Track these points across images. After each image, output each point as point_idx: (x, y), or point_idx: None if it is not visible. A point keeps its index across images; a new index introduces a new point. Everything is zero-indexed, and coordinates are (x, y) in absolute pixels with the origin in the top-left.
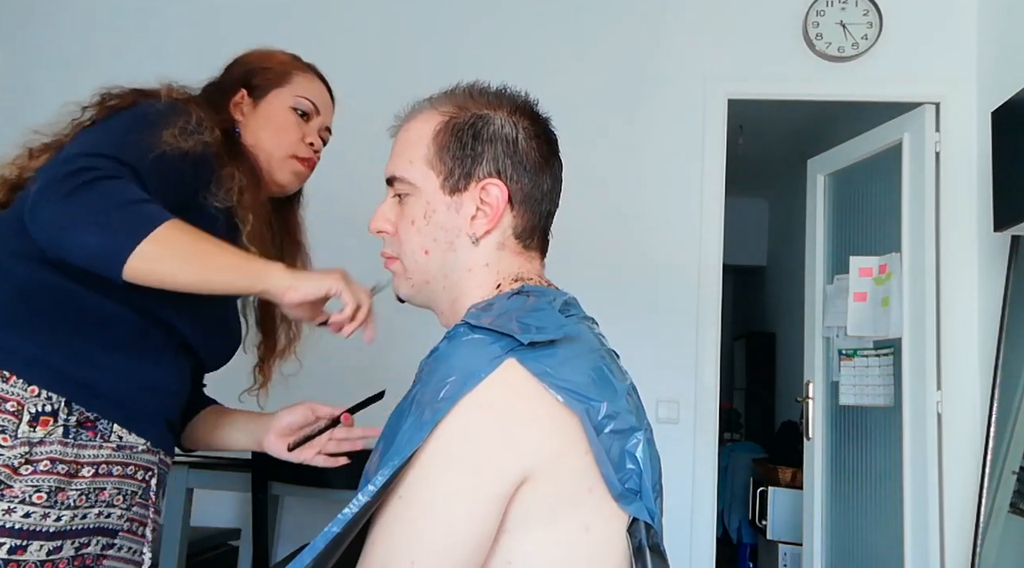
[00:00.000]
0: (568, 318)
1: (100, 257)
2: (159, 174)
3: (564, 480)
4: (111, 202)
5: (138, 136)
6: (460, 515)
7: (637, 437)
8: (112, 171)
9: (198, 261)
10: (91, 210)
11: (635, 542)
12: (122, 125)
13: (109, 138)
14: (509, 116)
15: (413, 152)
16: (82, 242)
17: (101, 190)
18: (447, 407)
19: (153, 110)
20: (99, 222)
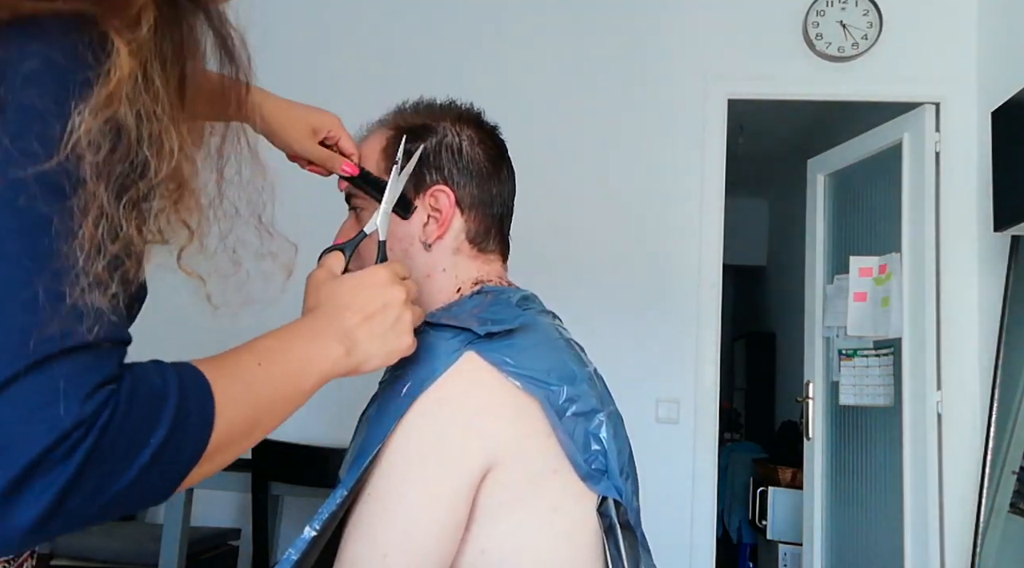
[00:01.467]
0: (525, 311)
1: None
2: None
3: (529, 464)
4: (129, 459)
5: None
6: (429, 507)
7: (600, 418)
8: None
9: (262, 413)
10: (102, 494)
11: (606, 521)
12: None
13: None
14: (452, 125)
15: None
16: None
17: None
18: (409, 402)
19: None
20: (125, 493)
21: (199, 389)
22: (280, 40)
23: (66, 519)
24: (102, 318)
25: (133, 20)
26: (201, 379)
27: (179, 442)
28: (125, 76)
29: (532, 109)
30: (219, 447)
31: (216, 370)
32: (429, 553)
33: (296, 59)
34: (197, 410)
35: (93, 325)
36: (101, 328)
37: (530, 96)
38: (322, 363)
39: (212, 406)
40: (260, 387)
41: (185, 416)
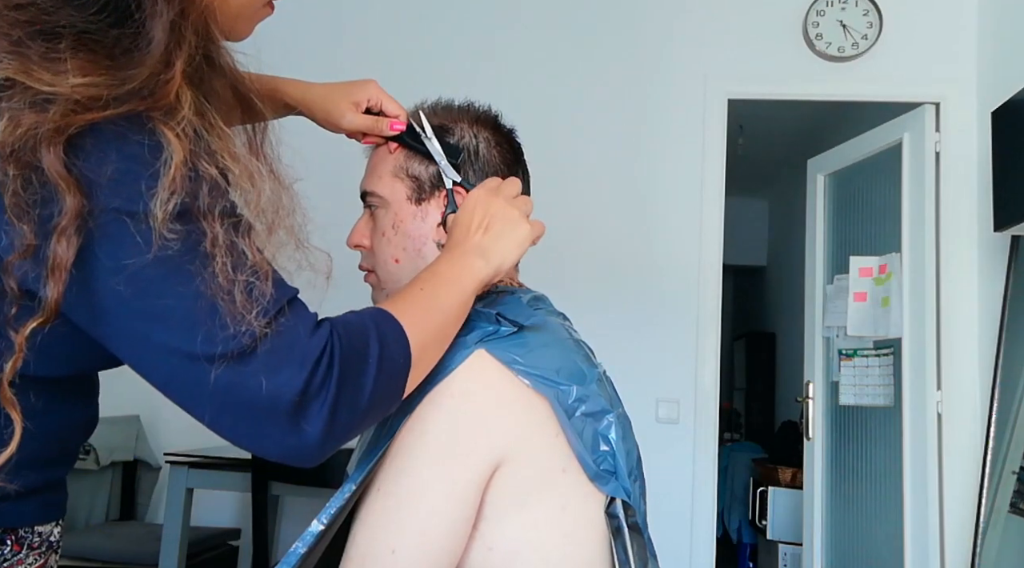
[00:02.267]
0: (536, 311)
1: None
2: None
3: (538, 462)
4: (361, 374)
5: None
6: (438, 503)
7: (609, 419)
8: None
9: (443, 322)
10: (358, 402)
11: (614, 522)
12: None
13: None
14: (470, 127)
15: (382, 168)
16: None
17: (343, 373)
18: (419, 398)
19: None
20: (372, 398)
21: (385, 316)
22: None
23: (341, 429)
24: (280, 287)
25: (173, 104)
26: (382, 311)
27: (391, 355)
28: (181, 160)
29: (531, 109)
30: (421, 353)
31: (391, 304)
32: (437, 549)
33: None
34: (391, 331)
35: (283, 291)
36: (287, 289)
37: (529, 96)
38: (469, 274)
39: (400, 325)
40: (429, 303)
41: (384, 336)
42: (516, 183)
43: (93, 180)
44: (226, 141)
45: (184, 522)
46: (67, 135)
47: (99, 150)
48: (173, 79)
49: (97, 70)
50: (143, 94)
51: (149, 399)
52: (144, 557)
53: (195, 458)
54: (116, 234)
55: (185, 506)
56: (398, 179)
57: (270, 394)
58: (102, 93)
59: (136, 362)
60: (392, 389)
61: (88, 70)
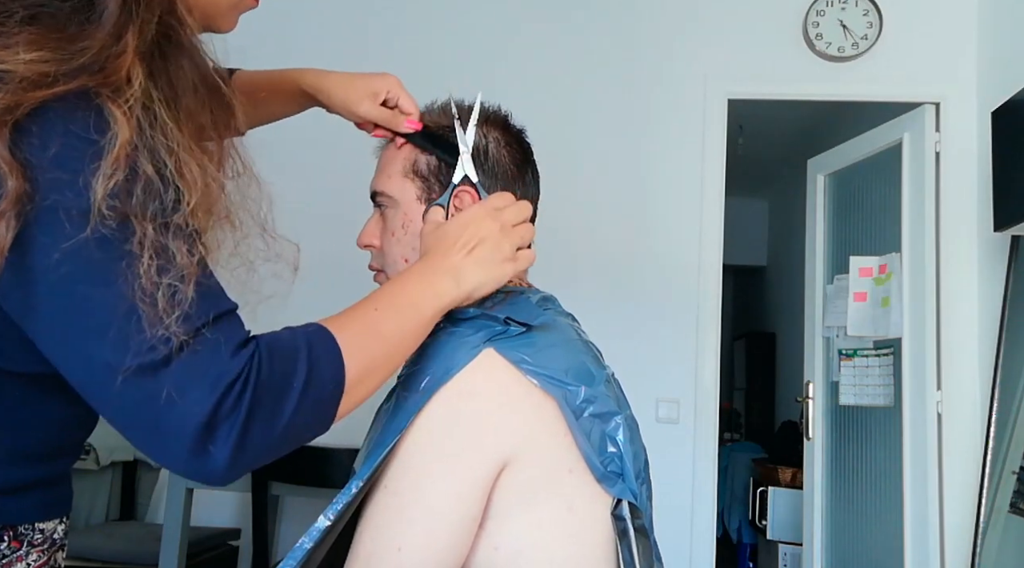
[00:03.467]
0: (545, 311)
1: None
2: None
3: (545, 462)
4: (283, 405)
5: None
6: (444, 501)
7: (617, 421)
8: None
9: (392, 347)
10: (273, 428)
11: (620, 524)
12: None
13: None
14: (480, 128)
15: (392, 167)
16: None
17: (259, 398)
18: (428, 396)
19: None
20: (291, 425)
21: (322, 337)
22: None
23: (251, 455)
24: (210, 298)
25: (123, 82)
26: (322, 330)
27: (319, 382)
28: (127, 138)
29: (530, 109)
30: (358, 380)
31: (335, 322)
32: (443, 548)
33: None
34: (326, 354)
35: (212, 303)
36: (218, 303)
37: (528, 97)
38: (435, 296)
39: (338, 348)
40: (381, 325)
41: (316, 359)
42: (525, 208)
43: (35, 164)
44: (169, 136)
45: (184, 522)
46: (15, 117)
47: (44, 131)
48: (124, 54)
49: (46, 44)
50: (92, 69)
51: None
52: (144, 557)
53: None
54: (53, 220)
55: (185, 506)
56: (408, 179)
57: (178, 414)
58: (51, 69)
59: (54, 358)
60: (317, 416)
61: (38, 44)
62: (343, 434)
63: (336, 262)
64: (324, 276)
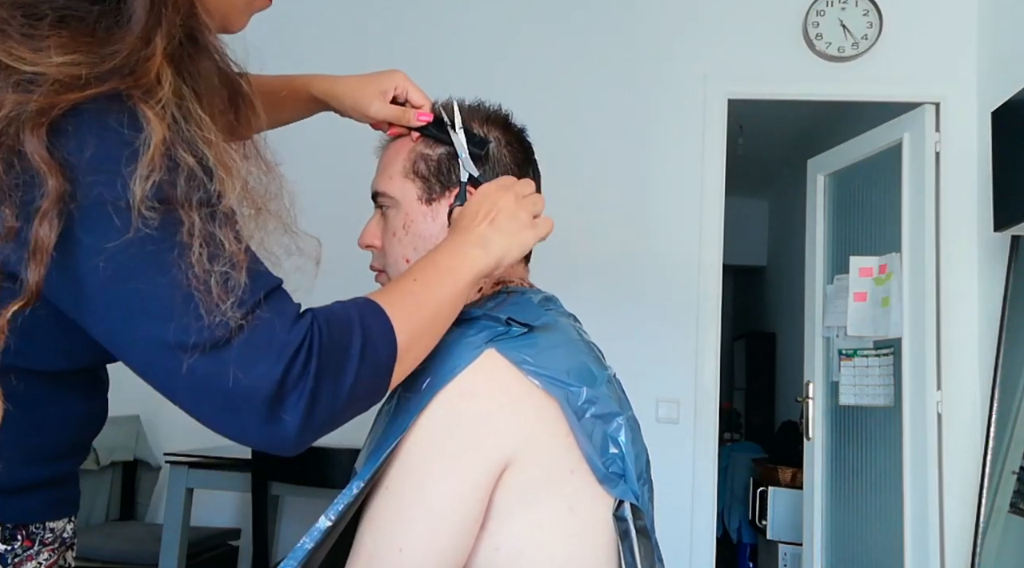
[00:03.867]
0: (547, 312)
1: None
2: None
3: (546, 463)
4: (342, 367)
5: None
6: (446, 501)
7: (618, 421)
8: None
9: (434, 314)
10: (339, 394)
11: (622, 525)
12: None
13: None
14: (480, 127)
15: (393, 167)
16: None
17: (322, 365)
18: (429, 397)
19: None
20: (354, 390)
21: (372, 308)
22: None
23: (320, 421)
24: (260, 278)
25: (153, 83)
26: (370, 301)
27: (374, 348)
28: (160, 138)
29: (531, 109)
30: (409, 346)
31: (380, 295)
32: (445, 548)
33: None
34: (377, 323)
35: (262, 282)
36: (267, 281)
37: (529, 96)
38: (467, 264)
39: (387, 317)
40: (421, 294)
41: (369, 328)
42: (530, 184)
43: (75, 164)
44: (204, 128)
45: (184, 522)
46: (50, 118)
47: (80, 132)
48: (154, 57)
49: (78, 48)
50: (123, 72)
51: (149, 399)
52: (144, 557)
53: (195, 458)
54: (97, 217)
55: (185, 506)
56: (408, 179)
57: (248, 385)
58: (83, 71)
59: (116, 348)
60: (375, 382)
61: (69, 48)
62: (343, 434)
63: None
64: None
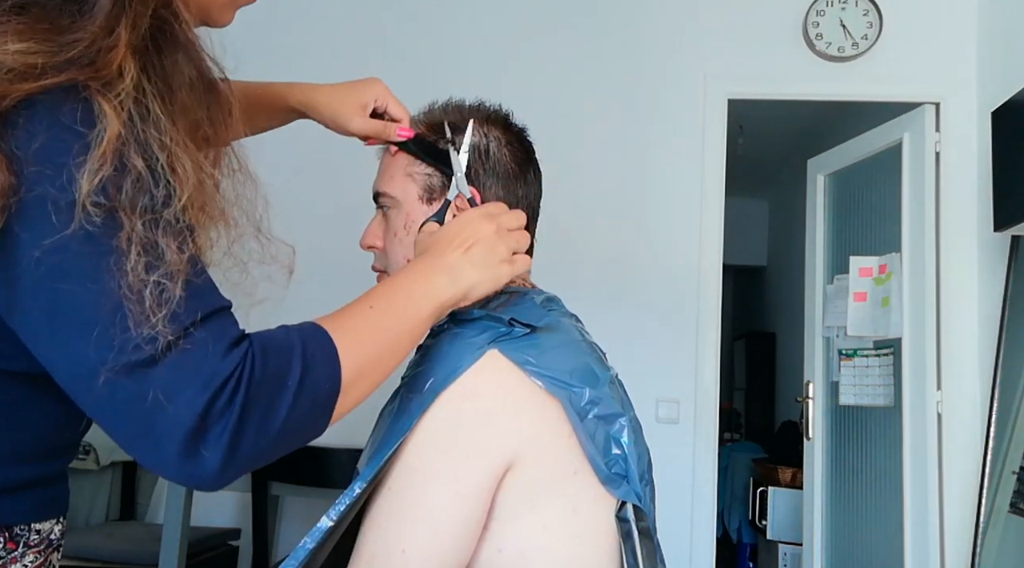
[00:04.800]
0: (550, 312)
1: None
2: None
3: (549, 464)
4: (276, 404)
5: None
6: (448, 502)
7: (621, 422)
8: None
9: (389, 346)
10: (268, 429)
11: (624, 525)
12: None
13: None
14: (480, 127)
15: (393, 168)
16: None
17: (251, 400)
18: (432, 398)
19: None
20: (286, 426)
21: (318, 336)
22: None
23: (243, 458)
24: (200, 296)
25: (115, 76)
26: (318, 329)
27: (314, 381)
28: (115, 133)
29: (531, 109)
30: (355, 379)
31: (331, 320)
32: (448, 549)
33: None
34: (321, 353)
35: (202, 301)
36: (209, 301)
37: (529, 96)
38: (431, 293)
39: (333, 347)
40: (376, 323)
41: (311, 358)
42: (519, 216)
43: (21, 157)
44: (161, 130)
45: (184, 522)
46: (1, 108)
47: (31, 124)
48: (116, 47)
49: (35, 35)
50: (82, 63)
51: None
52: (144, 557)
53: None
54: (37, 213)
55: (185, 506)
56: (409, 179)
57: (169, 414)
58: (39, 60)
59: (40, 357)
60: (312, 418)
61: (26, 35)
62: (343, 434)
63: (331, 266)
64: (319, 279)
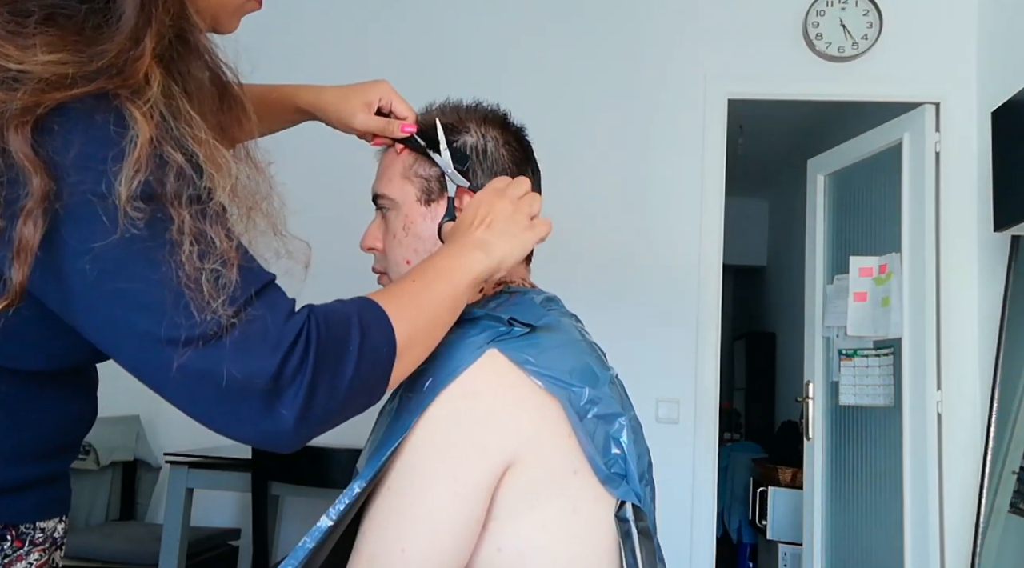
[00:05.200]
0: (549, 312)
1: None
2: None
3: (549, 463)
4: (340, 361)
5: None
6: (448, 502)
7: (620, 422)
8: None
9: (433, 315)
10: (337, 389)
11: (624, 525)
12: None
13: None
14: (478, 126)
15: (392, 170)
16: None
17: (318, 358)
18: (431, 397)
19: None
20: (352, 386)
21: (370, 306)
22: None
23: (318, 415)
24: (251, 275)
25: (142, 84)
26: (368, 300)
27: (373, 345)
28: (147, 138)
29: (531, 109)
30: (408, 345)
31: (378, 294)
32: (447, 548)
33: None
34: (376, 321)
35: (254, 279)
36: (259, 277)
37: (529, 96)
38: (467, 266)
39: (385, 315)
40: (420, 295)
41: (368, 325)
42: (524, 183)
43: (60, 162)
44: (195, 126)
45: (184, 522)
46: (35, 116)
47: (66, 131)
48: (143, 57)
49: (65, 46)
50: (111, 72)
51: (149, 399)
52: (144, 557)
53: (195, 458)
54: (83, 216)
55: (185, 506)
56: (408, 180)
57: (243, 378)
58: (69, 70)
59: (106, 346)
60: (374, 379)
61: (56, 46)
62: (343, 434)
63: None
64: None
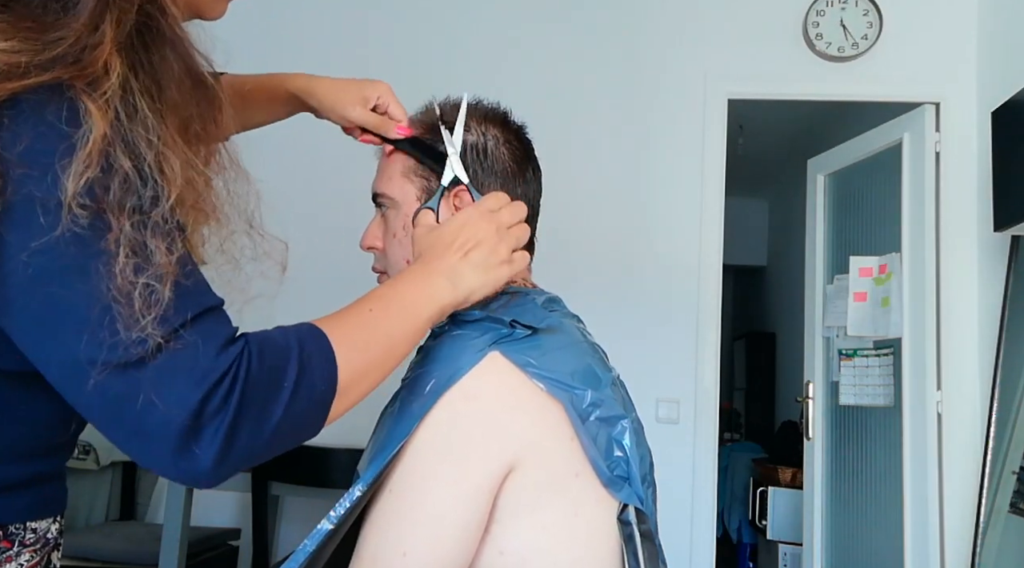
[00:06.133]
0: (551, 313)
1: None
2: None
3: (551, 466)
4: (270, 400)
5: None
6: (450, 505)
7: (623, 424)
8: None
9: (387, 347)
10: (262, 430)
11: (626, 528)
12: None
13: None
14: (478, 125)
15: (392, 169)
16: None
17: (246, 396)
18: (433, 400)
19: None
20: (279, 428)
21: (315, 337)
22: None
23: (238, 457)
24: (190, 297)
25: (100, 74)
26: (315, 330)
27: (310, 382)
28: (100, 134)
29: (531, 109)
30: (351, 382)
31: (329, 322)
32: (449, 551)
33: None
34: (318, 353)
35: (193, 301)
36: (200, 301)
37: (529, 96)
38: (431, 296)
39: (330, 348)
40: (375, 326)
41: (308, 359)
42: (520, 209)
43: (7, 157)
44: (149, 128)
45: (184, 522)
46: None
47: (16, 124)
48: (102, 44)
49: (18, 33)
50: (67, 61)
51: None
52: (144, 557)
53: None
54: (24, 214)
55: (185, 506)
56: (408, 180)
57: (161, 412)
58: (23, 59)
59: (32, 357)
60: (307, 419)
61: (9, 34)
62: (344, 434)
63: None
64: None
